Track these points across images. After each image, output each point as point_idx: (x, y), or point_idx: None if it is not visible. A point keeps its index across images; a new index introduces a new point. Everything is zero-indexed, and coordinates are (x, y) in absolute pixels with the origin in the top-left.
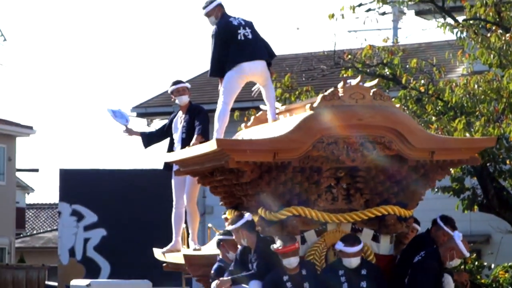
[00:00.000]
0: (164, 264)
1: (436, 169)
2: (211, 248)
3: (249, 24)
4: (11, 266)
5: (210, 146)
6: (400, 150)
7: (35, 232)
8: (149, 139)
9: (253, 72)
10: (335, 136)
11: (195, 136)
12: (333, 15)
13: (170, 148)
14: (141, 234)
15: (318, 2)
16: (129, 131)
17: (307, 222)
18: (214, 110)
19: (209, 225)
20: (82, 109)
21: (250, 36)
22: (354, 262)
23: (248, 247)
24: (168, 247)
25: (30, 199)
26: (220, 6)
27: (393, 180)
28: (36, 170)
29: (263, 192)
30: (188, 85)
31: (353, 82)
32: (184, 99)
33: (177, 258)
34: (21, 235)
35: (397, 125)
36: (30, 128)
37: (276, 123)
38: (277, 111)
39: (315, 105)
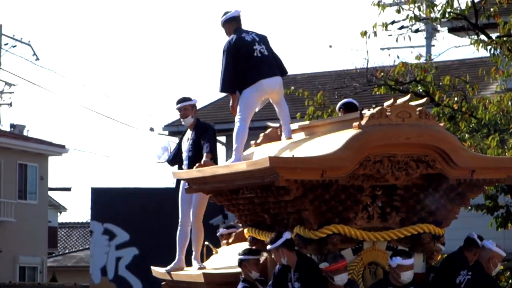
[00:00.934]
0: (163, 283)
1: (472, 187)
2: (209, 266)
3: (263, 39)
4: (43, 286)
5: (259, 163)
6: (442, 169)
7: (67, 251)
8: (172, 163)
9: (272, 89)
10: (381, 155)
11: (205, 155)
12: (365, 33)
13: (180, 167)
14: (172, 252)
15: (351, 20)
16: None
17: (345, 241)
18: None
19: (206, 242)
20: (114, 128)
21: (266, 53)
22: (411, 275)
23: (287, 265)
24: (172, 265)
25: (62, 218)
26: (232, 20)
27: (432, 199)
28: (68, 189)
29: (304, 210)
30: (191, 102)
31: (400, 100)
32: (188, 121)
33: (179, 276)
34: (53, 254)
35: (443, 144)
36: (63, 147)
37: (300, 141)
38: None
39: (363, 123)
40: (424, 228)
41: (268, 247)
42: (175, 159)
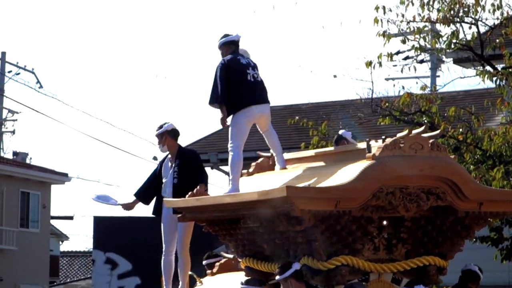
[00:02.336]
0: None
1: (478, 220)
2: None
3: (256, 66)
4: None
5: (274, 193)
6: (452, 201)
7: (68, 280)
8: (147, 195)
9: (261, 115)
10: (394, 186)
11: (199, 185)
12: (370, 63)
13: (157, 195)
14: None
15: (356, 50)
16: (127, 206)
17: (352, 272)
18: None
19: (190, 272)
20: (117, 157)
21: (258, 79)
22: None
23: None
24: None
25: (64, 246)
26: (231, 44)
27: (439, 231)
28: (71, 218)
29: (314, 240)
30: (165, 129)
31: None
32: (164, 150)
33: None
34: (55, 283)
35: (454, 176)
36: (65, 175)
37: (296, 171)
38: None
39: (377, 154)
40: (429, 260)
41: (277, 277)
42: (148, 191)
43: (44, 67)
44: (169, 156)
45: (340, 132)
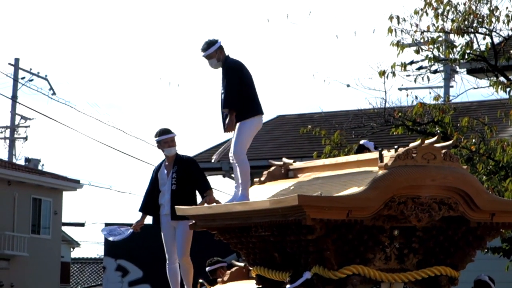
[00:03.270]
0: None
1: (490, 231)
2: None
3: None
4: None
5: (286, 201)
6: (464, 212)
7: (79, 287)
8: (152, 206)
9: (260, 126)
10: (406, 196)
11: (208, 191)
12: (384, 72)
13: (155, 203)
14: None
15: (369, 59)
16: (137, 226)
17: (363, 282)
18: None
19: (200, 280)
20: (129, 164)
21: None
22: None
23: None
24: None
25: (75, 253)
26: (222, 48)
27: (450, 241)
28: (82, 225)
29: (326, 249)
30: (175, 134)
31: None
32: (173, 151)
33: None
34: None
35: (466, 186)
36: (77, 182)
37: (308, 180)
38: (290, 167)
39: (389, 164)
40: (441, 271)
41: (288, 286)
42: (152, 203)
43: (57, 74)
44: (166, 163)
45: (362, 142)
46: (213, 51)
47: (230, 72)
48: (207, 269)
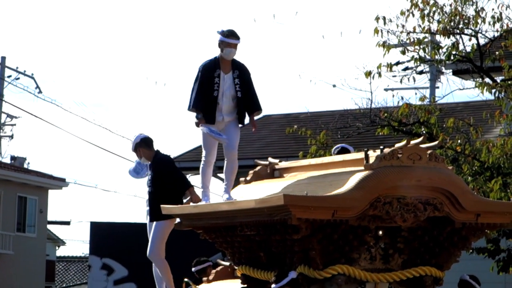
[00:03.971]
0: None
1: (475, 231)
2: None
3: None
4: None
5: (271, 201)
6: (449, 212)
7: (64, 285)
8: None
9: None
10: (391, 196)
11: (189, 189)
12: (370, 73)
13: None
14: None
15: (355, 60)
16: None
17: (348, 282)
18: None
19: (185, 279)
20: (115, 162)
21: None
22: None
23: None
24: None
25: (60, 251)
26: None
27: (435, 241)
28: (68, 223)
29: (311, 249)
30: (135, 142)
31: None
32: (144, 161)
33: None
34: None
35: (452, 187)
36: (63, 180)
37: (294, 180)
38: (276, 166)
39: (375, 164)
40: (426, 271)
41: (273, 286)
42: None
43: (43, 72)
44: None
45: (342, 145)
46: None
47: (249, 74)
48: (193, 269)
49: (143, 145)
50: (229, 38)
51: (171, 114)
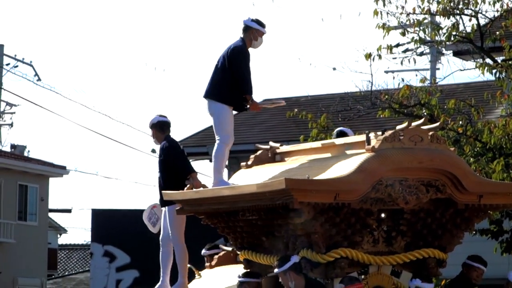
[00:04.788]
0: None
1: (478, 212)
2: None
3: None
4: None
5: (273, 185)
6: (451, 194)
7: (67, 273)
8: None
9: None
10: (393, 178)
11: (191, 175)
12: (370, 55)
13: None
14: (174, 275)
15: (355, 42)
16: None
17: (351, 265)
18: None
19: (188, 265)
20: (116, 149)
21: None
22: None
23: None
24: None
25: (62, 239)
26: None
27: (438, 223)
28: (69, 211)
29: (314, 233)
30: (151, 123)
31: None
32: (157, 143)
33: None
34: (53, 276)
35: (454, 168)
36: (64, 168)
37: (295, 164)
38: (277, 150)
39: (376, 146)
40: (429, 253)
41: (276, 270)
42: None
43: (42, 60)
44: None
45: (341, 128)
46: (257, 31)
47: (241, 57)
48: (203, 251)
49: (157, 127)
50: (264, 28)
51: (171, 99)
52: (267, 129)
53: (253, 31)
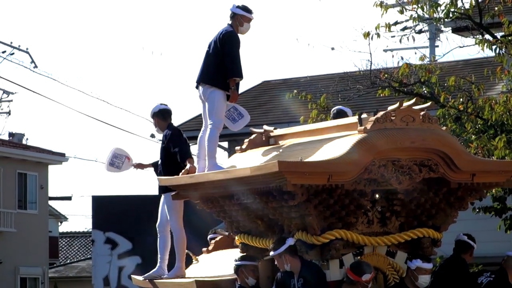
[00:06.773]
0: None
1: (471, 191)
2: (190, 275)
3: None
4: None
5: (266, 168)
6: (444, 173)
7: (68, 261)
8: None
9: None
10: (386, 159)
11: (188, 160)
12: (368, 34)
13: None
14: (173, 260)
15: (353, 21)
16: (139, 166)
17: (346, 246)
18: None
19: (185, 250)
20: (115, 135)
21: None
22: (428, 279)
23: (289, 272)
24: (151, 272)
25: (63, 227)
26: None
27: (432, 203)
28: (69, 198)
29: (308, 215)
30: (153, 111)
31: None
32: (159, 131)
33: (166, 285)
34: (55, 265)
35: (446, 148)
36: (63, 155)
37: (288, 146)
38: (271, 134)
39: (368, 127)
40: (423, 233)
41: (271, 253)
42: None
43: (38, 47)
44: None
45: (340, 107)
46: (242, 16)
47: (231, 41)
48: (210, 236)
49: (160, 115)
50: (250, 14)
51: (169, 83)
52: (266, 111)
53: (239, 17)
